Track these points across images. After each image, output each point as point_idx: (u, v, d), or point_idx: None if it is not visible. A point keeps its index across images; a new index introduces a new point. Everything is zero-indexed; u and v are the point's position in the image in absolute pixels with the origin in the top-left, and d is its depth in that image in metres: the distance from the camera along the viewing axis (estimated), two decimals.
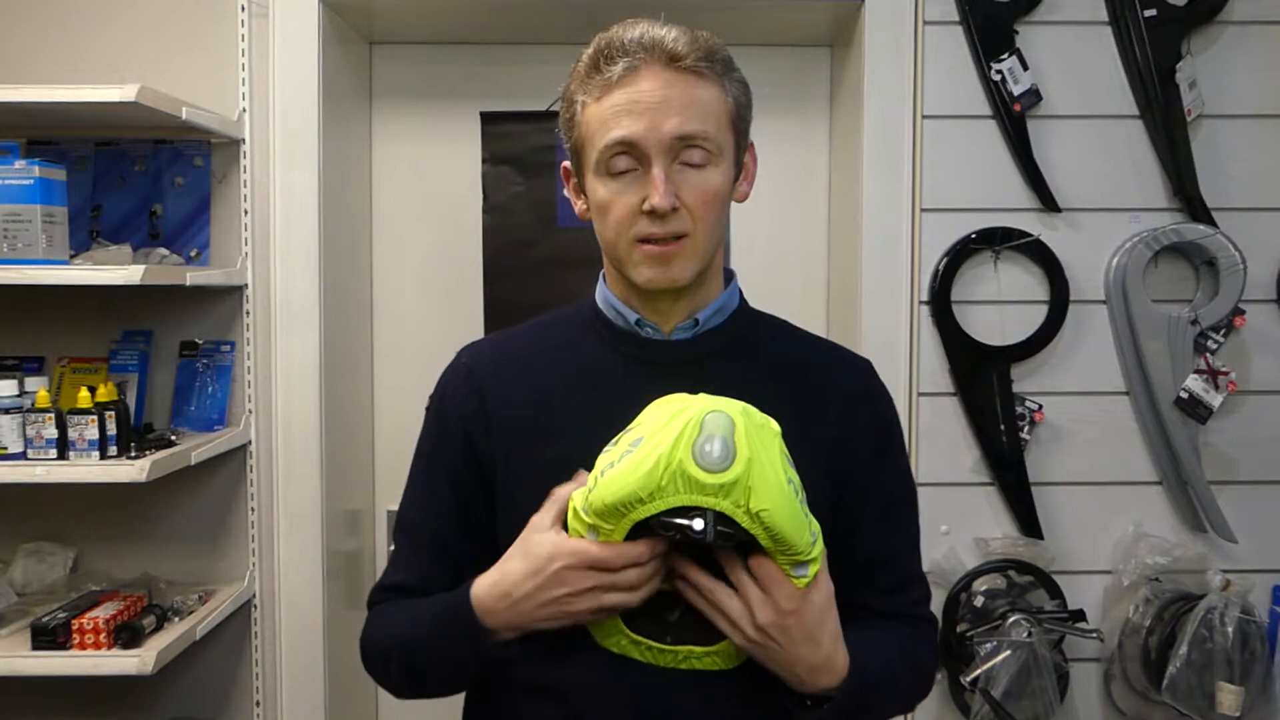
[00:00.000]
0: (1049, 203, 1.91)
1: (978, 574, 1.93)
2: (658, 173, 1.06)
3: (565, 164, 1.18)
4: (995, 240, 1.92)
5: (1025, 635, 1.82)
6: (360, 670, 1.21)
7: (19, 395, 1.67)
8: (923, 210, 1.93)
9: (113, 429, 1.67)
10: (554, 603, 1.02)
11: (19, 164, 1.64)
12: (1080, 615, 1.91)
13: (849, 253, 2.03)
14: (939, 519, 1.93)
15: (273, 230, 1.93)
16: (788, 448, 1.03)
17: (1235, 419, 1.95)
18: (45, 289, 1.78)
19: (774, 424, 1.01)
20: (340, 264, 2.04)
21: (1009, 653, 1.81)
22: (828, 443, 1.14)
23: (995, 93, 1.89)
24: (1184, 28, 1.88)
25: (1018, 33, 1.89)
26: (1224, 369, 1.91)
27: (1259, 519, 1.96)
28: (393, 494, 2.21)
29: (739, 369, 1.17)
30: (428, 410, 1.24)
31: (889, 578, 1.18)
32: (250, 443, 1.95)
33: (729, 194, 1.14)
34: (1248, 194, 1.92)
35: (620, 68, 1.06)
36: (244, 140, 1.92)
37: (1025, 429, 1.93)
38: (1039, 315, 1.94)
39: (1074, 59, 1.91)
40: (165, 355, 1.95)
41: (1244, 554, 1.95)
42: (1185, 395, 1.90)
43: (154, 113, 1.69)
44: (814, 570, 1.00)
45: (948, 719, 1.96)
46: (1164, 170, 1.91)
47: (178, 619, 1.77)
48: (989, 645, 1.83)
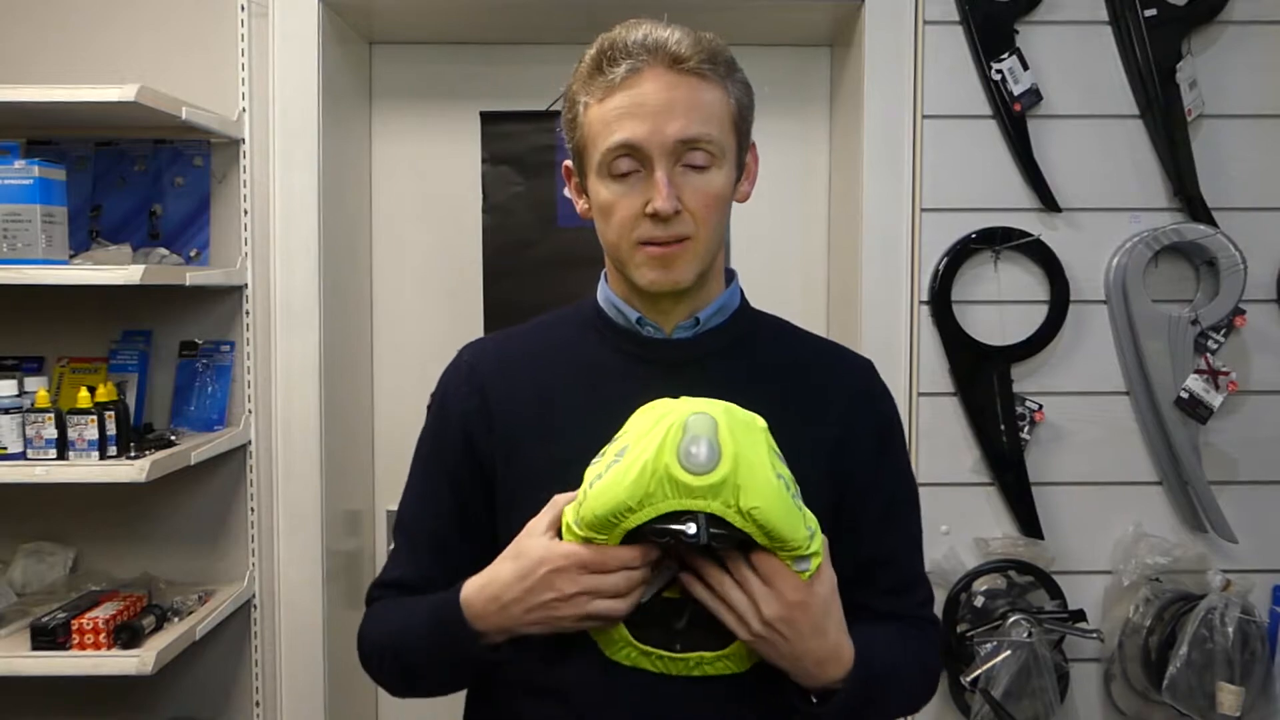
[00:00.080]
0: (1049, 203, 1.91)
1: (978, 574, 1.93)
2: (660, 176, 1.06)
3: (567, 163, 1.18)
4: (995, 240, 1.92)
5: (1025, 635, 1.82)
6: (360, 670, 1.21)
7: (19, 395, 1.66)
8: (923, 210, 1.93)
9: (112, 429, 1.67)
10: (541, 607, 1.02)
11: (19, 164, 1.64)
12: (1080, 615, 1.91)
13: (849, 253, 2.03)
14: (939, 519, 1.93)
15: (272, 230, 1.93)
16: (789, 447, 1.03)
17: (1235, 419, 1.95)
18: (45, 289, 1.78)
19: (759, 420, 1.00)
20: (340, 264, 2.04)
21: (1009, 653, 1.81)
22: (829, 442, 1.14)
23: (995, 92, 1.89)
24: (1184, 27, 1.88)
25: (1018, 32, 1.89)
26: (1224, 369, 1.91)
27: (1259, 519, 1.96)
28: (393, 494, 2.21)
29: (740, 368, 1.17)
30: (429, 409, 1.24)
31: (891, 578, 1.17)
32: (250, 443, 1.95)
33: (731, 196, 1.13)
34: (1248, 194, 1.92)
35: (623, 69, 1.06)
36: (244, 140, 1.92)
37: (1025, 429, 1.93)
38: (1039, 315, 1.94)
39: (1074, 59, 1.91)
40: (165, 355, 1.95)
41: (1244, 554, 1.95)
42: (1185, 395, 1.90)
43: (154, 113, 1.69)
44: (816, 563, 1.00)
45: (948, 719, 1.96)
46: (1164, 170, 1.91)
47: (177, 619, 1.77)
48: (989, 645, 1.83)
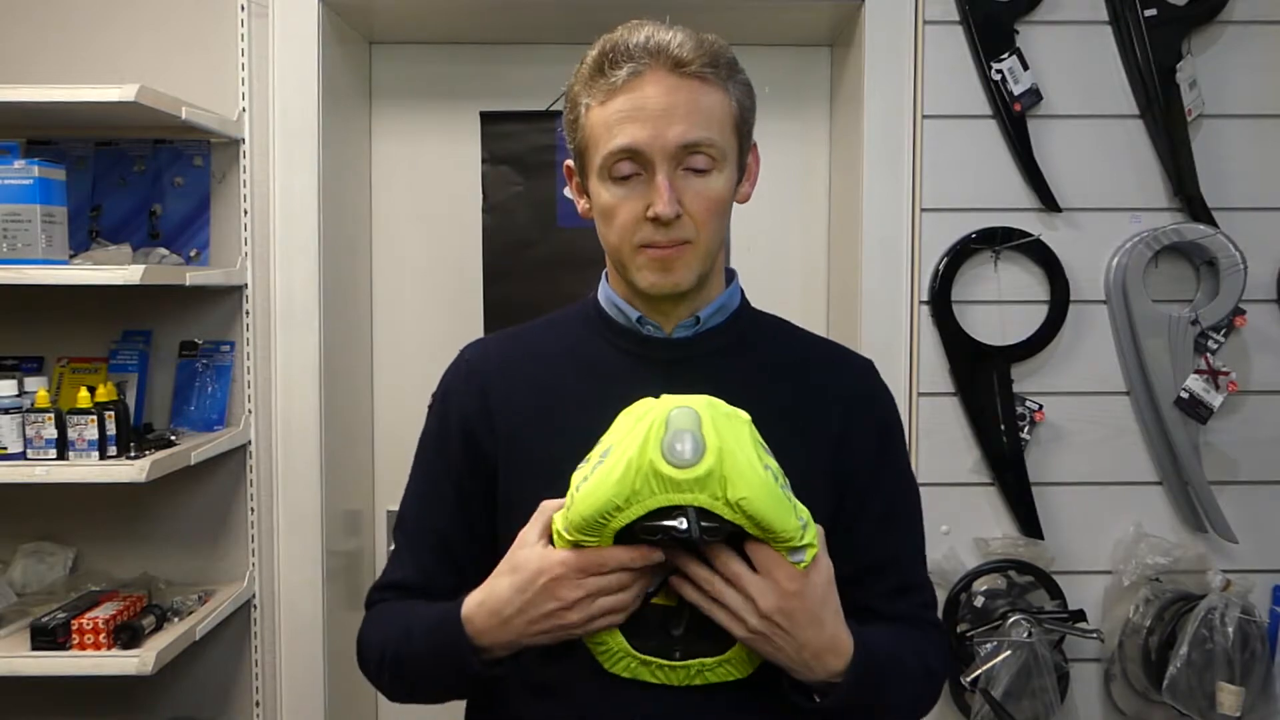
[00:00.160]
0: (1049, 202, 1.91)
1: (978, 574, 1.93)
2: (661, 180, 1.06)
3: (568, 163, 1.17)
4: (995, 240, 1.92)
5: (1025, 635, 1.82)
6: (358, 667, 1.21)
7: (19, 395, 1.66)
8: (923, 210, 1.93)
9: (112, 429, 1.67)
10: (546, 618, 1.01)
11: (19, 164, 1.64)
12: (1080, 615, 1.91)
13: (849, 253, 2.03)
14: (939, 519, 1.93)
15: (272, 230, 1.93)
16: (789, 447, 1.02)
17: (1235, 419, 1.95)
18: (45, 289, 1.78)
19: (743, 413, 1.00)
20: (340, 264, 2.04)
21: (1009, 653, 1.81)
22: (829, 443, 1.14)
23: (995, 92, 1.89)
24: (1184, 27, 1.88)
25: (1018, 32, 1.89)
26: (1224, 369, 1.91)
27: (1259, 519, 1.96)
28: (393, 494, 2.21)
29: (740, 367, 1.17)
30: (429, 409, 1.24)
31: (892, 580, 1.17)
32: (250, 443, 1.95)
33: (732, 198, 1.13)
34: (1248, 194, 1.92)
35: (625, 72, 1.06)
36: (244, 140, 1.92)
37: (1025, 429, 1.93)
38: (1039, 315, 1.94)
39: (1074, 59, 1.91)
40: (165, 355, 1.95)
41: (1244, 554, 1.95)
42: (1185, 395, 1.90)
43: (154, 113, 1.69)
44: (811, 554, 1.00)
45: (948, 719, 1.96)
46: (1164, 170, 1.91)
47: (177, 619, 1.77)
48: (989, 645, 1.83)
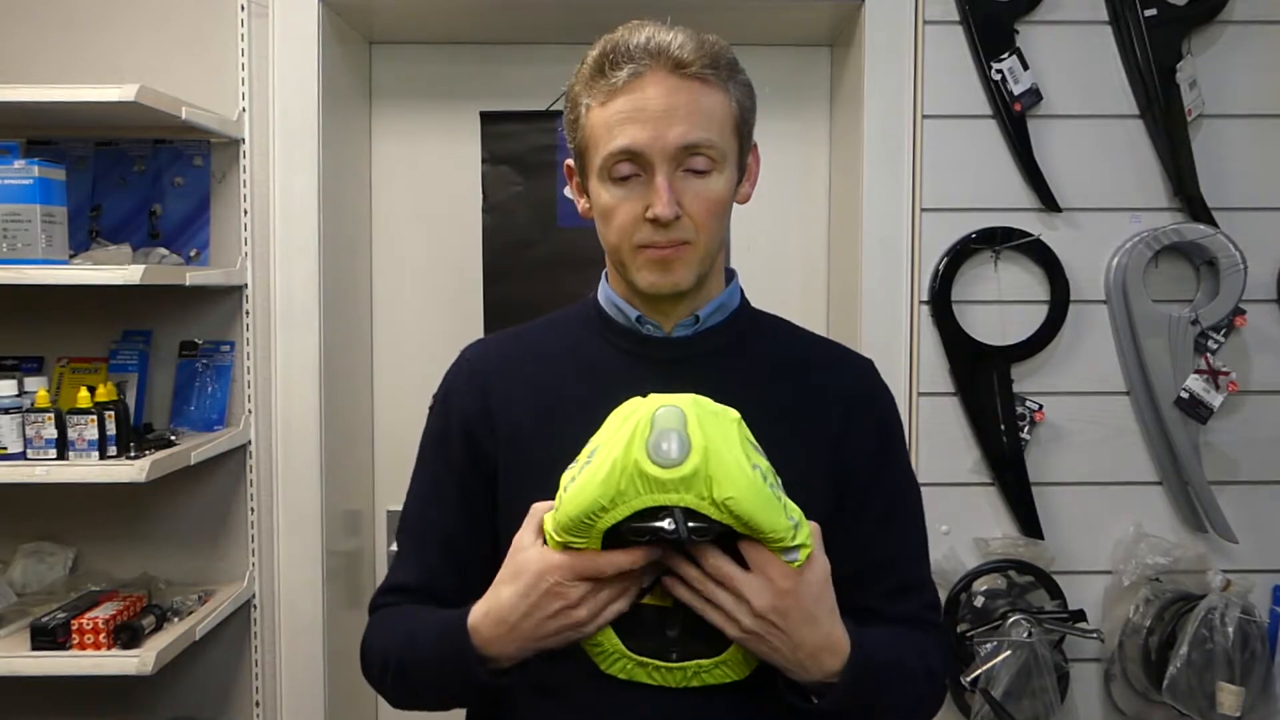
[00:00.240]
0: (1049, 202, 1.91)
1: (978, 574, 1.93)
2: (661, 182, 1.06)
3: (569, 162, 1.18)
4: (995, 240, 1.92)
5: (1025, 635, 1.82)
6: (360, 670, 1.21)
7: (18, 395, 1.66)
8: (923, 210, 1.93)
9: (112, 429, 1.67)
10: (553, 617, 1.00)
11: (18, 164, 1.64)
12: (1080, 615, 1.91)
13: (849, 253, 2.03)
14: (939, 519, 1.93)
15: (272, 230, 1.93)
16: (788, 446, 1.02)
17: (1235, 419, 1.95)
18: (45, 289, 1.79)
19: (731, 412, 0.99)
20: (340, 264, 2.04)
21: (1009, 653, 1.81)
22: (829, 442, 1.14)
23: (995, 92, 1.89)
24: (1184, 27, 1.88)
25: (1018, 32, 1.89)
26: (1224, 369, 1.91)
27: (1259, 519, 1.96)
28: (393, 494, 2.22)
29: (739, 367, 1.17)
30: (431, 410, 1.24)
31: (893, 580, 1.16)
32: (250, 443, 1.95)
33: (732, 199, 1.13)
34: (1248, 194, 1.92)
35: (625, 73, 1.06)
36: (244, 140, 1.92)
37: (1025, 429, 1.93)
38: (1039, 315, 1.94)
39: (1074, 59, 1.91)
40: (165, 355, 1.95)
41: (1244, 554, 1.95)
42: (1185, 395, 1.90)
43: (154, 113, 1.69)
44: (804, 554, 0.99)
45: (948, 719, 1.96)
46: (1164, 170, 1.91)
47: (177, 619, 1.77)
48: (989, 645, 1.83)
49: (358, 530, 2.19)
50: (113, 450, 1.67)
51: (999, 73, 1.88)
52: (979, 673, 1.82)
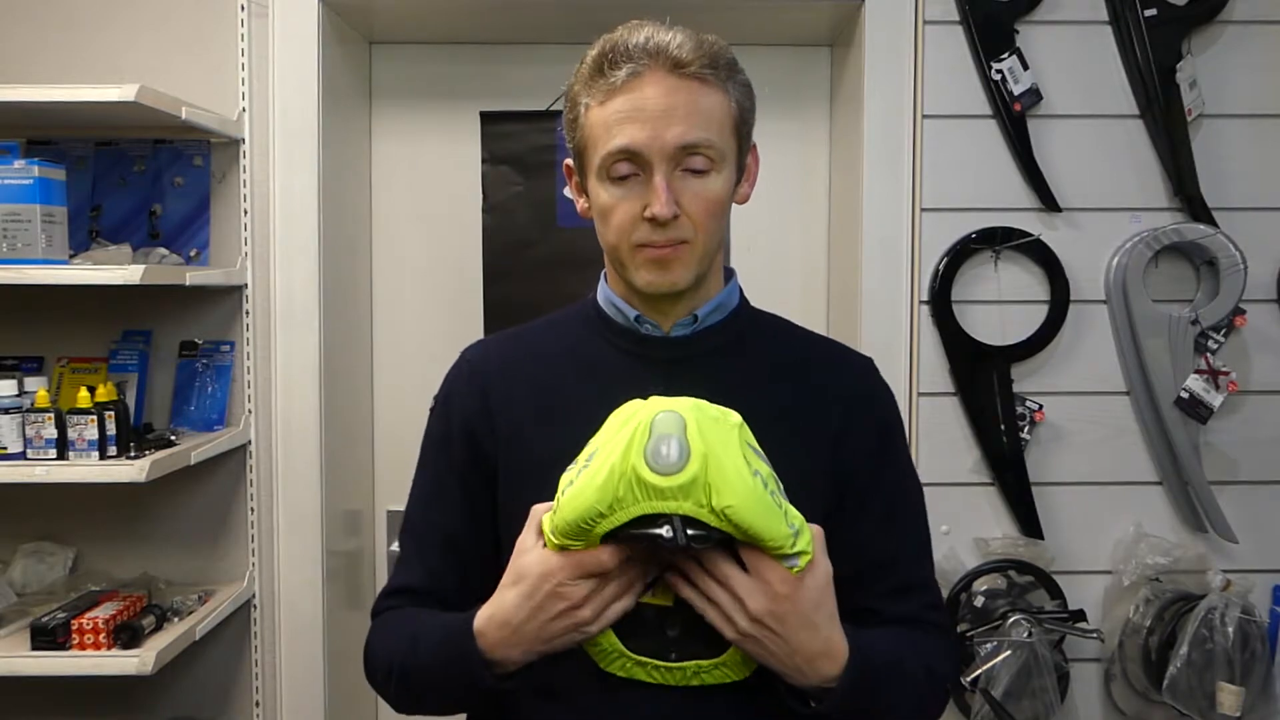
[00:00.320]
0: (1049, 202, 1.91)
1: (978, 574, 1.93)
2: (659, 181, 1.06)
3: (568, 161, 1.18)
4: (995, 240, 1.92)
5: (1025, 635, 1.82)
6: (360, 671, 1.21)
7: (18, 395, 1.66)
8: (923, 210, 1.93)
9: (112, 429, 1.67)
10: (558, 618, 1.00)
11: (18, 164, 1.64)
12: (1080, 615, 1.91)
13: (849, 253, 2.03)
14: (939, 519, 1.92)
15: (272, 230, 1.93)
16: (788, 446, 1.02)
17: (1235, 419, 1.95)
18: (45, 289, 1.79)
19: (733, 416, 0.98)
20: (340, 264, 2.04)
21: (1009, 653, 1.81)
22: (829, 441, 1.14)
23: (995, 92, 1.89)
24: (1184, 27, 1.88)
25: (1018, 32, 1.89)
26: (1224, 369, 1.91)
27: (1259, 519, 1.96)
28: (392, 494, 2.22)
29: (739, 367, 1.17)
30: (432, 411, 1.24)
31: (893, 580, 1.15)
32: (250, 443, 1.95)
33: (730, 199, 1.13)
34: (1248, 194, 1.92)
35: (624, 73, 1.06)
36: (244, 140, 1.92)
37: (1025, 429, 1.93)
38: (1039, 315, 1.94)
39: (1074, 59, 1.91)
40: (165, 355, 1.95)
41: (1244, 554, 1.95)
42: (1185, 395, 1.90)
43: (154, 113, 1.69)
44: (804, 560, 0.98)
45: (948, 719, 1.96)
46: (1164, 170, 1.91)
47: (177, 619, 1.77)
48: (989, 645, 1.83)
49: (358, 530, 2.19)
50: (113, 450, 1.67)
51: (999, 73, 1.88)
52: (979, 673, 1.82)
